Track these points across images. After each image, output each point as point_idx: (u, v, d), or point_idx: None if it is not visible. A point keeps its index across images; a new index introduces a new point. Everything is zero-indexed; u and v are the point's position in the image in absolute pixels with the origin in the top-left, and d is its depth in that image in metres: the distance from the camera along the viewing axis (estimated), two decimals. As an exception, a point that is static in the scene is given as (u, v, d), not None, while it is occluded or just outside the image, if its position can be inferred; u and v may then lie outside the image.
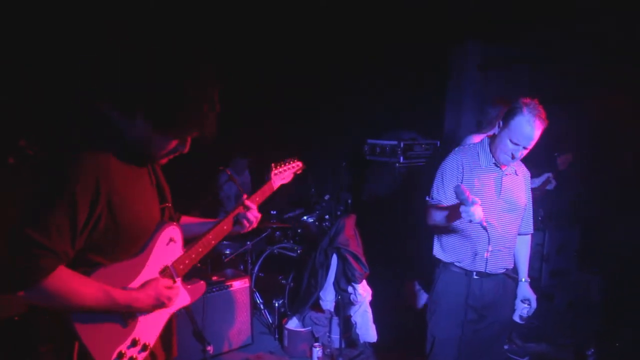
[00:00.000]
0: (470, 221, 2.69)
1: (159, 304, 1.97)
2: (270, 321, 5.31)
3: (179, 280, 2.12)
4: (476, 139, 4.57)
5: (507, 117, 2.91)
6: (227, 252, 5.29)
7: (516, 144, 2.91)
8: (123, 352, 1.91)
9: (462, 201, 2.67)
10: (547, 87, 5.36)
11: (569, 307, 5.29)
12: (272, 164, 2.63)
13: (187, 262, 2.14)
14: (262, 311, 5.43)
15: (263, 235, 5.64)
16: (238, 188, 6.16)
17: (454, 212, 2.83)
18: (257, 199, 2.49)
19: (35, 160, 2.13)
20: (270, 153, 2.94)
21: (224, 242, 5.55)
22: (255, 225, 2.40)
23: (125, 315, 1.92)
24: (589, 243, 5.52)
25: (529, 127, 2.83)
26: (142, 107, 1.80)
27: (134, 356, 1.96)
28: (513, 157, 2.96)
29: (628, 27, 4.67)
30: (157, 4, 4.42)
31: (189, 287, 2.21)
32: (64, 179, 1.69)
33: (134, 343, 1.96)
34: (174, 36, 1.86)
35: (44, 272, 1.64)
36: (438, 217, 3.06)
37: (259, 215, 2.41)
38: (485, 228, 2.74)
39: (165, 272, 2.05)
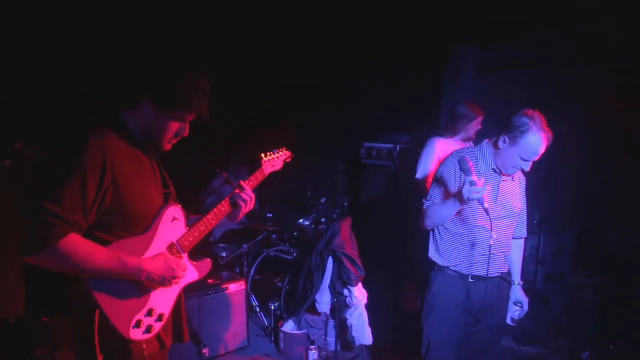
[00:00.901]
0: (469, 199, 2.75)
1: (169, 270, 2.09)
2: (266, 324, 5.31)
3: (185, 255, 2.28)
4: (439, 142, 4.63)
5: (515, 135, 2.90)
6: (224, 255, 5.29)
7: (526, 160, 2.96)
8: (141, 319, 2.04)
9: (464, 171, 2.79)
10: (545, 89, 5.38)
11: (565, 310, 5.31)
12: (262, 154, 2.80)
13: (191, 239, 2.30)
14: (258, 314, 5.42)
15: (259, 238, 5.64)
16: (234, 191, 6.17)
17: (455, 198, 2.90)
18: (250, 184, 2.65)
19: (35, 161, 2.34)
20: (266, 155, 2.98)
21: (221, 245, 5.56)
22: (251, 206, 2.56)
23: (139, 286, 2.05)
24: (584, 246, 5.54)
25: (539, 144, 2.88)
26: (148, 93, 2.04)
27: (152, 324, 2.09)
28: (522, 170, 3.04)
29: (626, 28, 4.69)
30: (158, 4, 4.45)
31: (195, 263, 2.34)
32: (76, 157, 1.89)
33: (150, 312, 2.09)
34: (172, 34, 2.17)
35: (57, 236, 1.82)
36: (438, 212, 3.09)
37: (253, 196, 2.56)
38: (486, 211, 2.80)
39: (171, 248, 2.20)
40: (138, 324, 2.02)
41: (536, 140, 2.86)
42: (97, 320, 1.91)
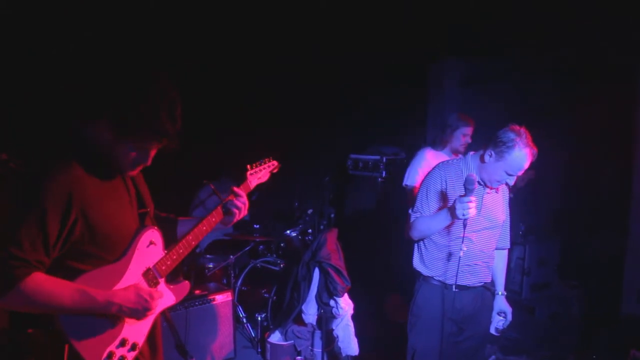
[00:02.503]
0: (463, 217, 2.81)
1: (142, 301, 2.00)
2: (253, 335, 5.31)
3: (162, 280, 2.19)
4: (429, 153, 4.72)
5: (501, 149, 2.96)
6: (210, 265, 5.28)
7: (511, 175, 3.02)
8: (112, 351, 1.98)
9: (467, 190, 2.81)
10: (527, 102, 5.45)
11: (550, 320, 5.35)
12: (247, 165, 2.70)
13: (168, 263, 2.21)
14: (245, 325, 5.41)
15: (246, 248, 5.65)
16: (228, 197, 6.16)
17: (447, 213, 2.96)
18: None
19: (16, 174, 2.22)
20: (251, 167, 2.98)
21: (207, 255, 5.55)
22: (244, 212, 2.49)
23: (112, 316, 1.97)
24: (569, 256, 5.60)
25: (525, 160, 2.94)
26: (106, 112, 1.90)
27: (124, 355, 2.02)
28: (507, 183, 3.10)
29: (610, 43, 4.77)
30: (121, 15, 4.44)
31: (172, 287, 2.27)
32: (35, 196, 1.80)
33: (123, 343, 2.02)
34: (135, 52, 2.04)
35: (18, 278, 1.75)
36: (426, 225, 3.13)
37: (247, 202, 2.50)
38: (464, 224, 2.86)
39: (147, 273, 2.12)
40: (110, 356, 1.97)
41: (522, 156, 2.92)
42: (65, 354, 1.85)
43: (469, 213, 2.81)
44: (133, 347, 2.06)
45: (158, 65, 1.98)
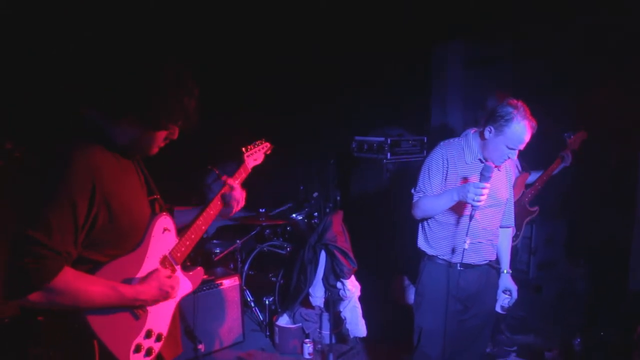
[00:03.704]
0: (473, 202, 2.84)
1: (164, 294, 2.02)
2: (261, 318, 5.35)
3: (178, 267, 2.19)
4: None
5: (500, 124, 2.97)
6: (217, 250, 5.31)
7: (512, 149, 3.01)
8: (140, 343, 1.98)
9: (483, 177, 2.85)
10: (531, 83, 5.41)
11: (557, 298, 5.36)
12: (243, 148, 2.69)
13: (183, 249, 2.21)
14: (253, 309, 5.45)
15: (252, 233, 5.67)
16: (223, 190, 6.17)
17: (453, 194, 2.98)
18: (237, 181, 2.55)
19: (23, 162, 2.13)
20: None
21: (214, 241, 5.58)
22: (243, 203, 2.47)
23: (135, 309, 1.97)
24: (576, 235, 5.59)
25: (524, 132, 2.95)
26: (131, 112, 1.88)
27: (151, 346, 2.03)
28: (509, 158, 3.08)
29: (613, 22, 4.73)
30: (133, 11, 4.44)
31: (189, 274, 2.28)
32: (62, 179, 1.71)
33: (149, 334, 2.02)
34: (150, 44, 1.96)
35: (51, 273, 1.65)
36: (430, 205, 3.13)
37: (244, 193, 2.48)
38: (471, 217, 2.88)
39: (164, 261, 2.11)
40: (138, 349, 1.96)
41: (521, 128, 2.93)
42: (97, 351, 1.81)
43: (480, 200, 2.84)
44: (158, 338, 2.07)
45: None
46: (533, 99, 3.19)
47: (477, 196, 2.83)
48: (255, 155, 2.75)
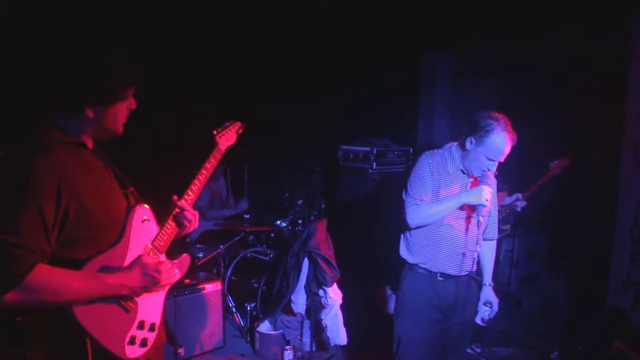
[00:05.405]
0: (483, 203, 2.95)
1: (149, 278, 1.96)
2: (242, 324, 5.33)
3: (162, 256, 2.16)
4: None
5: (480, 134, 3.00)
6: (200, 255, 5.31)
7: (492, 160, 3.04)
8: (134, 335, 1.96)
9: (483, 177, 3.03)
10: (518, 94, 5.47)
11: (537, 312, 5.40)
12: (214, 131, 2.61)
13: (165, 237, 2.18)
14: (234, 314, 5.44)
15: (236, 238, 5.66)
16: (212, 192, 6.18)
17: (459, 197, 3.06)
18: (210, 164, 2.47)
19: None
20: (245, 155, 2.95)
21: (198, 245, 5.58)
22: (196, 224, 2.37)
23: (124, 299, 1.94)
24: (557, 249, 5.64)
25: (504, 143, 2.98)
26: (90, 98, 1.90)
27: (146, 337, 2.02)
28: (488, 170, 3.10)
29: (595, 35, 4.81)
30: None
31: (175, 261, 2.21)
32: (26, 180, 1.72)
33: (141, 325, 2.01)
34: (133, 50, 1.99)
35: (24, 269, 1.66)
36: (435, 209, 3.11)
37: (197, 213, 2.38)
38: (479, 223, 2.97)
39: (148, 251, 2.09)
40: (132, 340, 1.95)
41: (500, 140, 2.96)
42: (89, 348, 1.80)
43: (486, 202, 2.95)
44: (152, 328, 2.06)
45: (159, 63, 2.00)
46: (518, 115, 3.23)
47: (488, 196, 2.96)
48: (227, 136, 2.65)
